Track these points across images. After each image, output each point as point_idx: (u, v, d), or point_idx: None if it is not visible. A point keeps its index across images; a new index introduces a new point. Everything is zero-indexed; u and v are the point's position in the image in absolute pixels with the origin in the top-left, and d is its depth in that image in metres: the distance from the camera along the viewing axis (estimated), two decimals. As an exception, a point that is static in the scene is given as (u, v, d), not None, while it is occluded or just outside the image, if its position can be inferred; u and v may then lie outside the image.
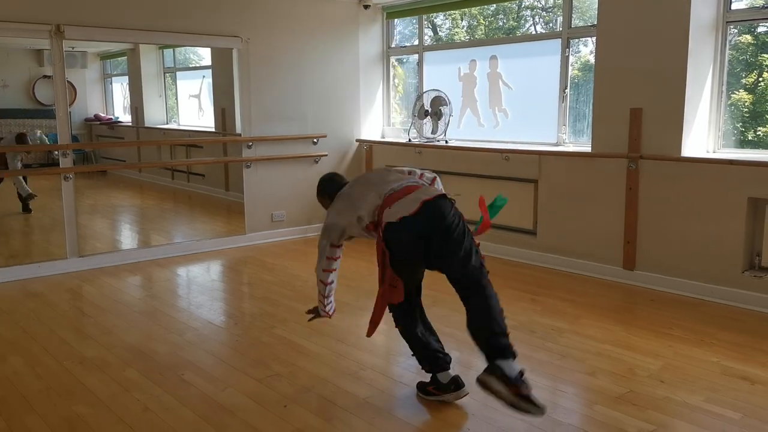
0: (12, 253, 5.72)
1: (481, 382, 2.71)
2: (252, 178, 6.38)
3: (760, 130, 4.79)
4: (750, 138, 4.80)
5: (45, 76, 7.17)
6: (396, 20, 7.17)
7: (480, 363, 2.80)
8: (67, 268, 5.39)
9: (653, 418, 2.85)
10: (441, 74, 6.74)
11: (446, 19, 7.14)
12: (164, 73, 7.65)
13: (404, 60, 7.32)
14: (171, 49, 7.53)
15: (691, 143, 4.67)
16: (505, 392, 2.62)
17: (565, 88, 5.60)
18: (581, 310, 4.34)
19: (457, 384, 3.06)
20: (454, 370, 3.13)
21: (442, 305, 4.47)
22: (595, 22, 5.10)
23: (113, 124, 7.57)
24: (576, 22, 5.57)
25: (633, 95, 4.80)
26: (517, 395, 2.60)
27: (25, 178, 6.72)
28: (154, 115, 7.61)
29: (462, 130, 6.55)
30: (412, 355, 3.19)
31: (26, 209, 6.74)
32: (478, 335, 2.82)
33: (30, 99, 7.38)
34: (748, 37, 4.81)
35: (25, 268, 5.25)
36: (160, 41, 6.49)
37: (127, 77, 7.83)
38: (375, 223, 2.95)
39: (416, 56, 6.97)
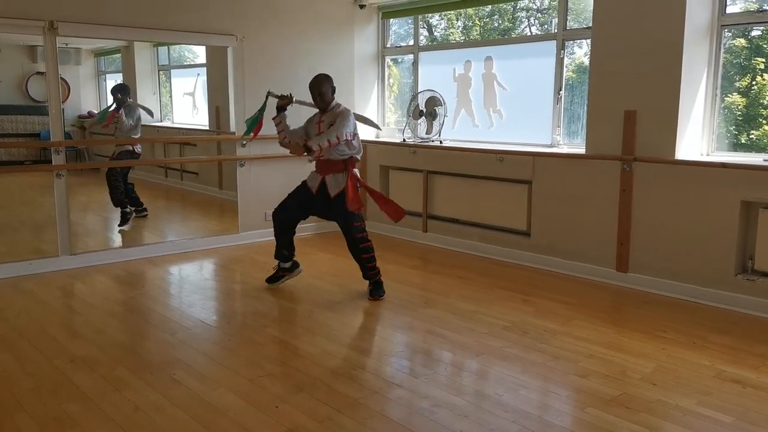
0: (3, 250, 5.68)
1: None
2: (246, 176, 6.36)
3: (753, 134, 4.80)
4: (743, 141, 4.81)
5: (38, 73, 7.12)
6: (391, 20, 7.16)
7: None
8: (58, 266, 5.35)
9: (646, 421, 2.85)
10: (436, 74, 6.74)
11: (441, 19, 7.14)
12: (158, 70, 7.61)
13: (399, 60, 7.32)
14: (165, 47, 7.50)
15: (685, 146, 4.68)
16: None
17: (560, 90, 5.60)
18: (574, 311, 4.34)
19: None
20: (448, 375, 3.12)
21: (435, 306, 4.48)
22: (590, 24, 5.11)
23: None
24: (571, 24, 5.57)
25: (627, 97, 4.80)
26: None
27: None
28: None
29: (456, 131, 6.54)
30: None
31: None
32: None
33: (23, 95, 7.33)
34: (742, 41, 4.82)
35: (16, 266, 5.21)
36: (155, 39, 6.46)
37: (121, 74, 7.79)
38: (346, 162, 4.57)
39: (411, 56, 6.96)
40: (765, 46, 4.75)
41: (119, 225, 6.47)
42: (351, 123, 4.48)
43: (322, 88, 4.57)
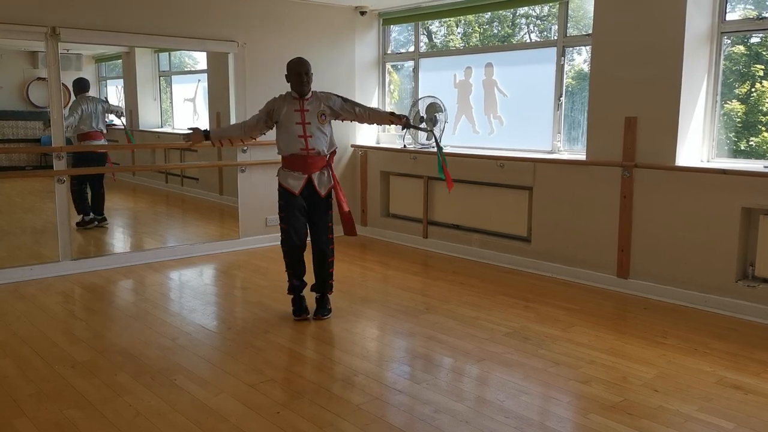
0: (4, 255, 5.68)
1: None
2: (246, 182, 6.36)
3: (752, 140, 4.82)
4: (742, 148, 4.83)
5: (39, 78, 7.15)
6: (392, 26, 7.18)
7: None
8: (59, 271, 5.35)
9: (647, 428, 2.85)
10: (436, 81, 6.75)
11: (441, 26, 7.16)
12: (159, 76, 7.64)
13: (400, 66, 7.33)
14: (166, 53, 7.53)
15: (685, 152, 4.69)
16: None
17: (560, 96, 5.61)
18: (575, 317, 4.34)
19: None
20: (449, 381, 3.11)
21: (436, 312, 4.47)
22: (590, 31, 5.13)
23: (107, 126, 7.54)
24: (570, 30, 5.59)
25: (628, 104, 4.82)
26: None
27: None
28: (149, 119, 7.60)
29: (457, 137, 6.55)
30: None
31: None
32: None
33: (24, 101, 7.36)
34: (741, 48, 4.84)
35: (16, 271, 5.20)
36: (156, 45, 6.48)
37: (122, 80, 7.82)
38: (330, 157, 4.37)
39: (412, 62, 6.98)
40: (764, 53, 4.77)
41: (78, 225, 6.46)
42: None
43: (310, 69, 4.25)
